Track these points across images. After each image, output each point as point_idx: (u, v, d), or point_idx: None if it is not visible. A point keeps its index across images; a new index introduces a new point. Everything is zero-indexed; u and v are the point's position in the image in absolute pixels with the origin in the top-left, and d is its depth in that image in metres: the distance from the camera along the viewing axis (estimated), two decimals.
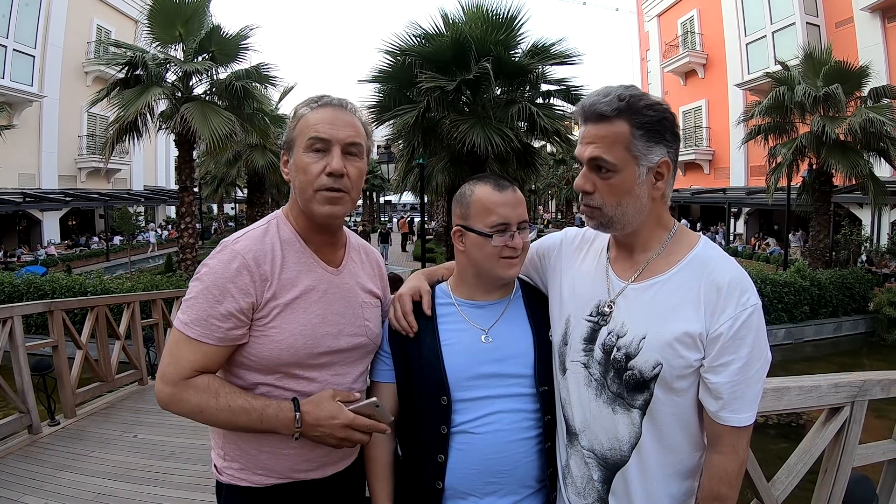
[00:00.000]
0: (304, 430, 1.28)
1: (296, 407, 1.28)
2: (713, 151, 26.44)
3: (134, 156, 25.76)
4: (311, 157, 1.31)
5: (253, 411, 1.26)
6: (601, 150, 1.19)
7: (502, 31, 10.95)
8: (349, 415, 1.28)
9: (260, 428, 1.28)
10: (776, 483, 1.86)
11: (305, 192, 1.32)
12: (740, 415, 1.16)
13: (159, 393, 1.28)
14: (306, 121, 1.33)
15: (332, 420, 1.27)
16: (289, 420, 1.27)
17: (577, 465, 1.31)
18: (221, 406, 1.25)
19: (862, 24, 18.29)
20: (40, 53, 22.08)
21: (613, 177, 1.20)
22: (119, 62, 12.73)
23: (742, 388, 1.15)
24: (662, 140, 1.19)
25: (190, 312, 1.27)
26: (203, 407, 1.25)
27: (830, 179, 14.15)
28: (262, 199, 22.36)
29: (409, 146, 12.80)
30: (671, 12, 29.10)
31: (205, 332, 1.26)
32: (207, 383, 1.27)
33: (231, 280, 1.27)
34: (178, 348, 1.28)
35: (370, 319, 1.47)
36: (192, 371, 1.26)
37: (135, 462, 4.14)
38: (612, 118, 1.18)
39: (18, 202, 20.37)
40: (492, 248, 1.36)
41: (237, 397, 1.27)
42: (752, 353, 1.14)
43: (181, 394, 1.25)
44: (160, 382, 1.28)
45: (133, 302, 6.63)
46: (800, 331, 12.36)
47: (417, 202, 16.63)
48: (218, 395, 1.26)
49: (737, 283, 1.16)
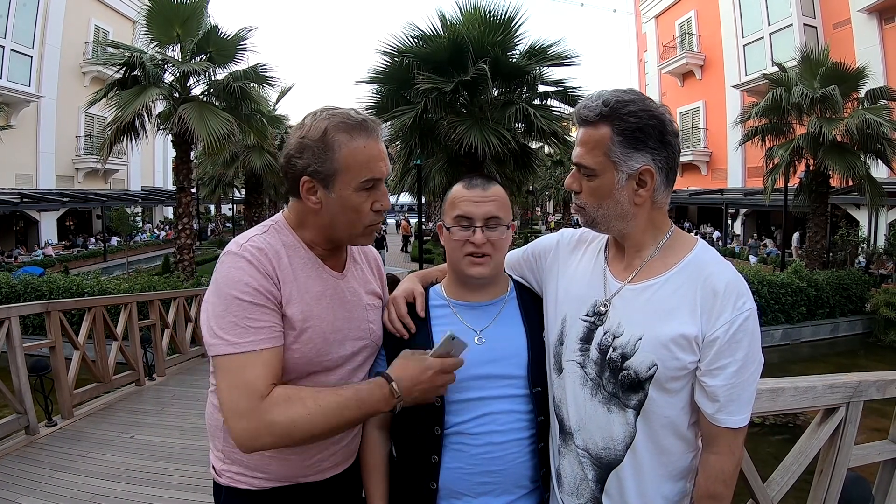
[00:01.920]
0: (403, 396, 1.23)
1: (387, 378, 1.23)
2: (710, 152, 26.49)
3: (131, 156, 25.67)
4: (362, 196, 1.28)
5: (349, 402, 1.18)
6: (582, 154, 1.24)
7: (500, 33, 10.96)
8: (436, 361, 1.24)
9: (360, 417, 1.23)
10: (771, 484, 1.87)
11: (355, 228, 1.32)
12: (736, 416, 1.18)
13: (242, 433, 1.13)
14: (357, 153, 1.27)
15: (427, 372, 1.23)
16: (386, 394, 1.22)
17: (571, 465, 1.32)
18: (313, 410, 1.15)
19: (859, 25, 18.32)
20: (38, 54, 22.02)
21: (594, 180, 1.24)
22: (117, 63, 12.71)
23: (738, 391, 1.17)
24: (645, 147, 1.19)
25: (229, 329, 1.18)
26: (295, 420, 1.14)
27: (827, 181, 14.18)
28: (259, 199, 22.36)
29: (407, 147, 12.81)
30: (669, 14, 29.15)
31: (255, 339, 1.18)
32: (287, 392, 1.17)
33: (245, 275, 1.22)
34: (237, 375, 1.15)
35: (373, 321, 1.46)
36: (266, 387, 1.15)
37: (132, 463, 4.14)
38: (595, 123, 1.21)
39: (16, 202, 20.31)
40: (454, 243, 1.39)
41: (325, 394, 1.19)
42: (747, 357, 1.16)
43: (265, 417, 1.13)
44: (237, 421, 1.13)
45: (130, 303, 6.62)
46: (797, 332, 12.39)
47: (415, 203, 16.62)
48: (304, 400, 1.16)
49: (733, 288, 1.17)
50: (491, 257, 1.39)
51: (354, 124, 1.27)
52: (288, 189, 1.35)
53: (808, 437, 1.95)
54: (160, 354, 7.08)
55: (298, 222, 1.37)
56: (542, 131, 11.31)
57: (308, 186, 1.28)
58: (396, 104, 11.44)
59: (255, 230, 1.35)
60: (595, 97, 1.22)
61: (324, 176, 1.26)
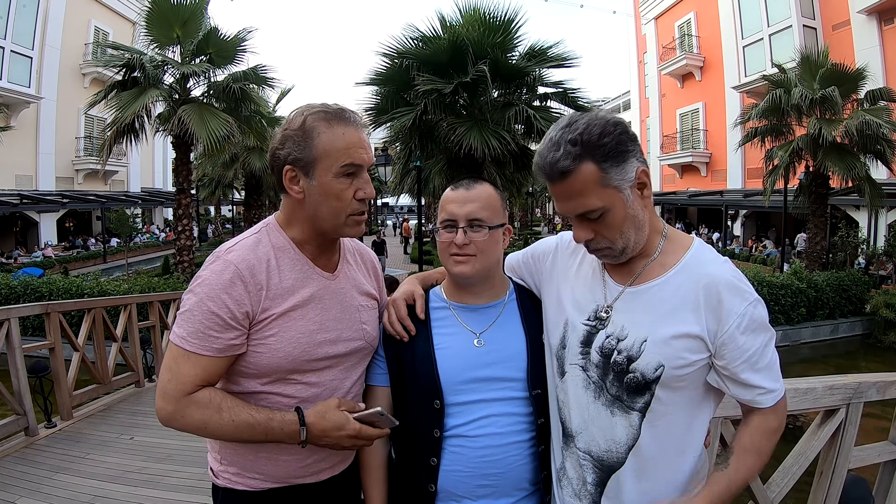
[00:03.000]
0: (310, 441, 1.28)
1: (301, 420, 1.27)
2: (710, 154, 26.52)
3: (131, 158, 25.66)
4: (343, 183, 1.31)
5: (257, 426, 1.24)
6: (582, 201, 1.17)
7: (499, 34, 10.97)
8: (356, 425, 1.28)
9: (265, 440, 1.27)
10: (772, 485, 1.87)
11: (338, 217, 1.33)
12: (773, 393, 1.22)
13: (161, 411, 1.24)
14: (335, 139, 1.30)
15: (339, 431, 1.27)
16: (294, 433, 1.26)
17: (572, 468, 1.32)
18: (225, 421, 1.23)
19: (859, 26, 18.36)
20: (38, 55, 22.04)
21: (606, 216, 1.19)
22: (117, 64, 12.74)
23: (766, 373, 1.21)
24: (629, 154, 1.17)
25: (186, 326, 1.24)
26: (206, 422, 1.23)
27: (827, 182, 14.20)
28: (259, 201, 22.35)
29: (407, 148, 12.81)
30: (668, 15, 29.19)
31: (203, 345, 1.23)
32: (210, 398, 1.24)
33: (225, 290, 1.24)
34: (176, 363, 1.24)
35: (367, 322, 1.47)
36: (194, 386, 1.23)
37: (131, 464, 4.13)
38: (575, 168, 1.15)
39: (15, 203, 20.33)
40: (441, 244, 1.42)
41: (241, 411, 1.25)
42: (765, 339, 1.21)
43: (184, 410, 1.22)
44: (161, 400, 1.24)
45: (130, 304, 6.61)
46: (796, 333, 12.39)
47: (415, 204, 16.63)
48: (221, 410, 1.23)
49: (736, 283, 1.19)
50: (476, 257, 1.38)
51: (333, 113, 1.32)
52: (277, 184, 1.38)
53: (808, 438, 1.96)
54: (159, 356, 7.06)
55: (287, 220, 1.39)
56: (541, 132, 11.28)
57: (290, 175, 1.32)
58: (396, 106, 11.44)
59: (247, 234, 1.37)
60: (556, 144, 1.16)
61: (304, 163, 1.30)
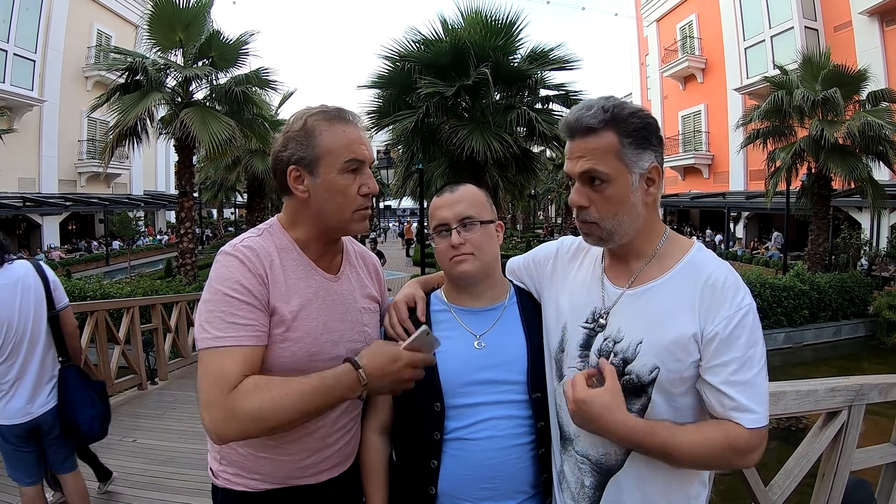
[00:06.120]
0: (371, 385, 1.22)
1: (354, 365, 1.22)
2: (712, 156, 26.49)
3: (134, 161, 25.75)
4: (347, 179, 1.32)
5: (314, 390, 1.18)
6: (593, 163, 1.19)
7: (501, 37, 10.97)
8: (407, 353, 1.24)
9: (326, 404, 1.21)
10: (773, 487, 1.87)
11: (344, 213, 1.34)
12: (749, 415, 1.11)
13: (211, 423, 1.14)
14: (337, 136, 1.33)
15: (395, 363, 1.23)
16: (353, 381, 1.21)
17: (570, 471, 1.32)
18: (278, 398, 1.15)
19: (860, 28, 18.36)
20: (41, 58, 22.14)
21: (608, 188, 1.20)
22: (119, 67, 12.75)
23: (745, 389, 1.11)
24: (650, 146, 1.21)
25: (215, 323, 1.21)
26: (260, 406, 1.14)
27: (829, 183, 14.17)
28: (261, 204, 22.38)
29: (409, 151, 12.81)
30: (670, 17, 29.21)
31: (237, 335, 1.20)
32: (255, 382, 1.17)
33: (231, 274, 1.25)
34: (212, 366, 1.17)
35: (369, 325, 1.48)
36: (237, 378, 1.17)
37: (133, 467, 4.15)
38: (599, 130, 1.19)
39: (18, 206, 20.41)
40: (438, 250, 1.44)
41: (290, 381, 1.18)
42: (749, 353, 1.13)
43: (231, 406, 1.14)
44: (207, 411, 1.14)
45: (132, 307, 6.63)
46: (799, 335, 12.35)
47: (417, 207, 16.64)
48: (270, 389, 1.16)
49: (730, 284, 1.18)
50: (474, 255, 1.40)
51: (332, 113, 1.36)
52: (279, 187, 1.39)
53: (810, 440, 1.95)
54: (162, 358, 7.08)
55: (291, 221, 1.40)
56: (543, 135, 11.30)
57: (295, 175, 1.34)
58: (398, 108, 11.44)
59: (249, 233, 1.38)
60: (589, 106, 1.20)
61: (308, 161, 1.32)
